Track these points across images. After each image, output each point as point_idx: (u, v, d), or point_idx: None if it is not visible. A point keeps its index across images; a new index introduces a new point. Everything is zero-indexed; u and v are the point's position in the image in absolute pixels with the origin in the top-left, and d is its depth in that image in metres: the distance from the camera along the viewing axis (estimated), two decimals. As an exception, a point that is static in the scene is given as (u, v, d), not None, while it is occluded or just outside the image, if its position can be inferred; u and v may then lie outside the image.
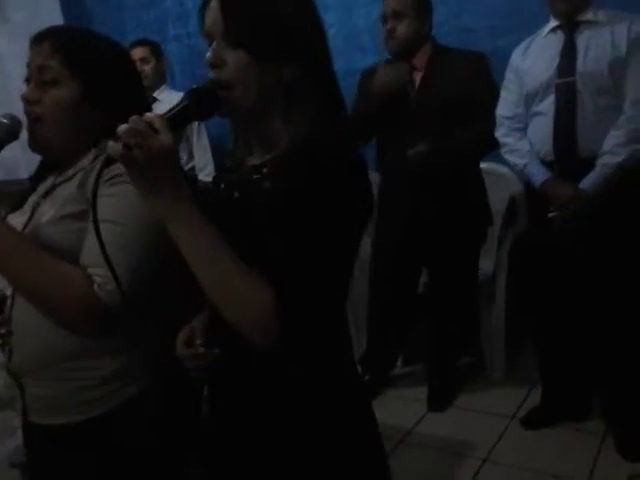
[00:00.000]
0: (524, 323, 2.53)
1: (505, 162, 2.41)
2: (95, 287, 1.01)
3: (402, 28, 2.29)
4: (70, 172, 1.13)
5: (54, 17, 3.83)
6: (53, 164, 1.21)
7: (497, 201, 2.58)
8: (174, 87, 3.31)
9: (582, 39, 2.01)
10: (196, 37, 3.49)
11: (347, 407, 0.93)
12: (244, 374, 0.93)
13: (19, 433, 1.29)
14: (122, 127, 0.76)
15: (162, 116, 0.79)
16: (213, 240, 0.80)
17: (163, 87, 3.22)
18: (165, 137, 0.76)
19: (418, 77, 2.34)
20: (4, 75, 3.68)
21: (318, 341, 0.88)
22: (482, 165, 2.47)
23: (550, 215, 2.06)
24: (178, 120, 0.82)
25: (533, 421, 2.35)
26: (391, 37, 2.30)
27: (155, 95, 3.13)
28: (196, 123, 3.06)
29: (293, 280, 0.80)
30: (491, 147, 2.34)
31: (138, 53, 3.09)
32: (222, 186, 0.98)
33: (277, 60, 0.86)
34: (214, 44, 0.87)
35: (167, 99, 3.06)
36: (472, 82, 2.27)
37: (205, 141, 3.12)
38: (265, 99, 0.88)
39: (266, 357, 0.85)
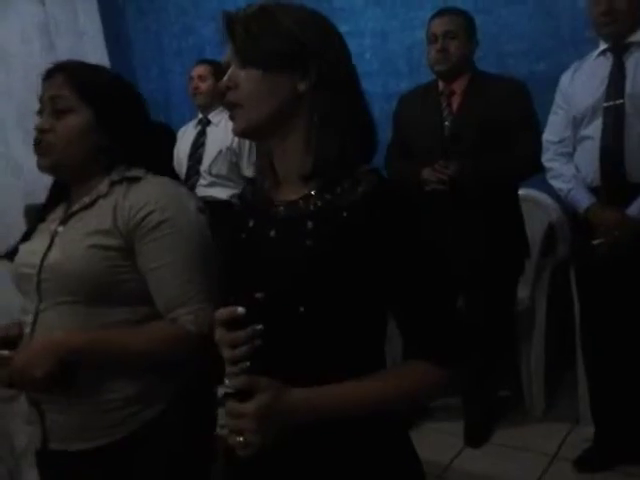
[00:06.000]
0: (564, 355, 2.43)
1: (543, 188, 2.34)
2: (190, 326, 1.10)
3: (454, 48, 2.25)
4: (86, 199, 1.17)
5: (97, 45, 3.95)
6: (63, 193, 1.25)
7: (535, 229, 2.50)
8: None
9: (632, 61, 1.95)
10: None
11: (391, 443, 0.92)
12: None
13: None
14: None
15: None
16: (352, 396, 0.84)
17: (220, 109, 3.07)
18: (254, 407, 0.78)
19: (456, 102, 2.30)
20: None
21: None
22: (520, 192, 2.40)
23: (594, 242, 1.97)
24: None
25: (587, 463, 2.19)
26: (443, 57, 2.25)
27: (210, 117, 3.10)
28: (247, 150, 2.99)
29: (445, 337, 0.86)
30: (527, 174, 2.29)
31: (197, 70, 3.10)
32: (251, 222, 0.94)
33: (287, 72, 0.86)
34: (230, 69, 0.90)
35: (223, 122, 3.03)
36: (510, 110, 2.21)
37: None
38: (281, 113, 0.88)
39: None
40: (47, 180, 1.28)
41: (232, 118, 0.90)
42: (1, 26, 3.75)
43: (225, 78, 0.89)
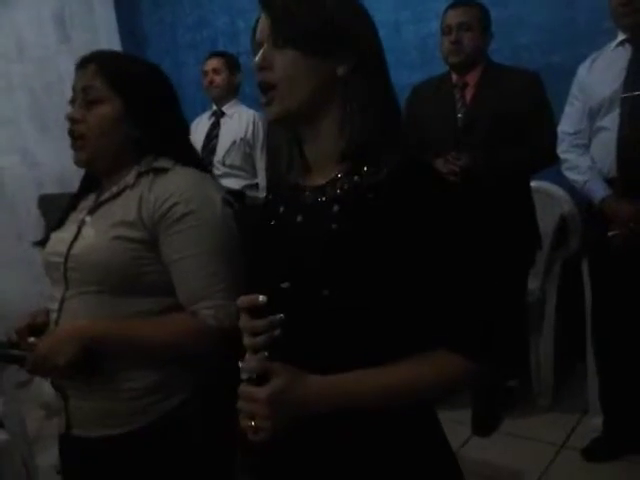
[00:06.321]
0: (574, 347, 2.44)
1: (556, 180, 2.35)
2: (210, 320, 1.09)
3: (468, 40, 2.25)
4: (114, 189, 1.17)
5: (112, 37, 3.98)
6: (94, 181, 1.25)
7: (547, 221, 2.51)
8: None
9: None
10: (247, 55, 3.55)
11: (421, 430, 0.92)
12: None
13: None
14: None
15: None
16: (371, 386, 0.81)
17: (233, 101, 3.13)
18: (268, 391, 0.78)
19: (469, 94, 2.31)
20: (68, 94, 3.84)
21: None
22: (532, 184, 2.41)
23: (610, 234, 1.98)
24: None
25: (595, 453, 2.19)
26: (456, 49, 2.27)
27: (224, 109, 3.11)
28: (260, 141, 3.03)
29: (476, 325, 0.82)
30: (541, 166, 2.30)
31: (211, 64, 3.11)
32: (281, 209, 0.93)
33: (327, 55, 0.84)
34: (263, 48, 0.87)
35: (236, 114, 3.07)
36: (524, 102, 2.22)
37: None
38: (318, 97, 0.86)
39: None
40: (60, 171, 1.29)
41: (268, 102, 0.87)
42: (17, 17, 3.78)
43: (258, 57, 0.87)
